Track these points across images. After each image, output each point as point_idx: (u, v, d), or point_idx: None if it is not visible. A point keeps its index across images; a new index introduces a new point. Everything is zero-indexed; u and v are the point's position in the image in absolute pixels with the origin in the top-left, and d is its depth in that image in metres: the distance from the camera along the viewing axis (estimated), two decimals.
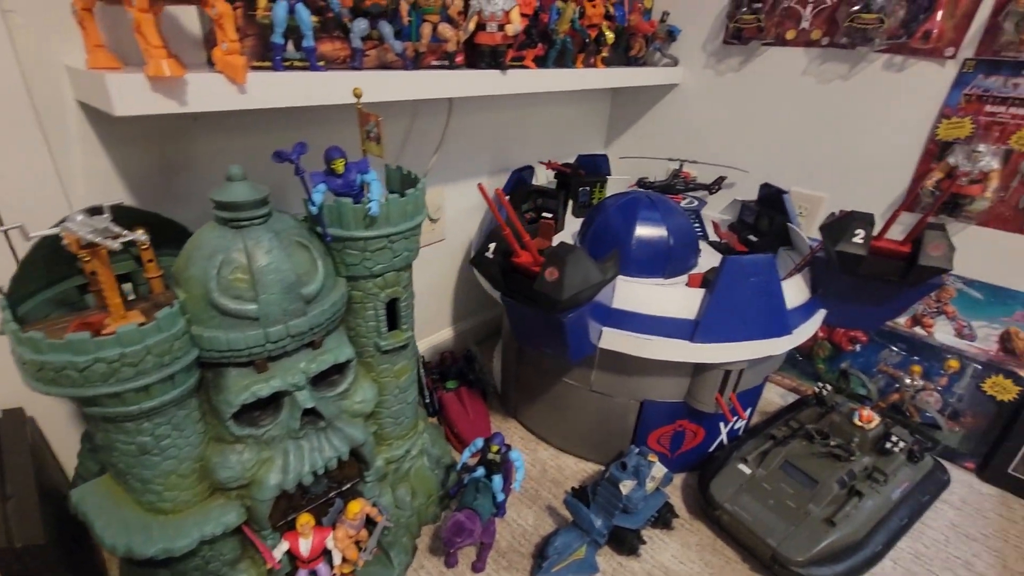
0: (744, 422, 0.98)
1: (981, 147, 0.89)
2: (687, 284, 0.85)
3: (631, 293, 0.79)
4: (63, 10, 0.55)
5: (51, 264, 0.55)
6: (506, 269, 0.69)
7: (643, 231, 0.95)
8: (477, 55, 0.82)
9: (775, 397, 1.18)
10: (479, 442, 0.77)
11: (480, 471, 0.76)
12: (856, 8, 0.95)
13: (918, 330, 1.05)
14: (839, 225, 0.76)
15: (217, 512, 0.60)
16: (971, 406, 0.98)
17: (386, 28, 0.67)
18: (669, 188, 1.25)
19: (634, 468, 0.81)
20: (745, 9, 1.08)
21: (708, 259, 1.06)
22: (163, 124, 0.67)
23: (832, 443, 0.84)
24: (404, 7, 0.70)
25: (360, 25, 0.65)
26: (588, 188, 1.28)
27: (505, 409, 1.10)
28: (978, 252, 0.96)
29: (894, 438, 0.83)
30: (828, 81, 1.06)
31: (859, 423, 0.86)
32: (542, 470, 0.96)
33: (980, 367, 0.96)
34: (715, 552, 0.81)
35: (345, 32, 0.66)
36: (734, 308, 0.75)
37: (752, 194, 1.15)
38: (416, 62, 0.74)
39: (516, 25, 0.79)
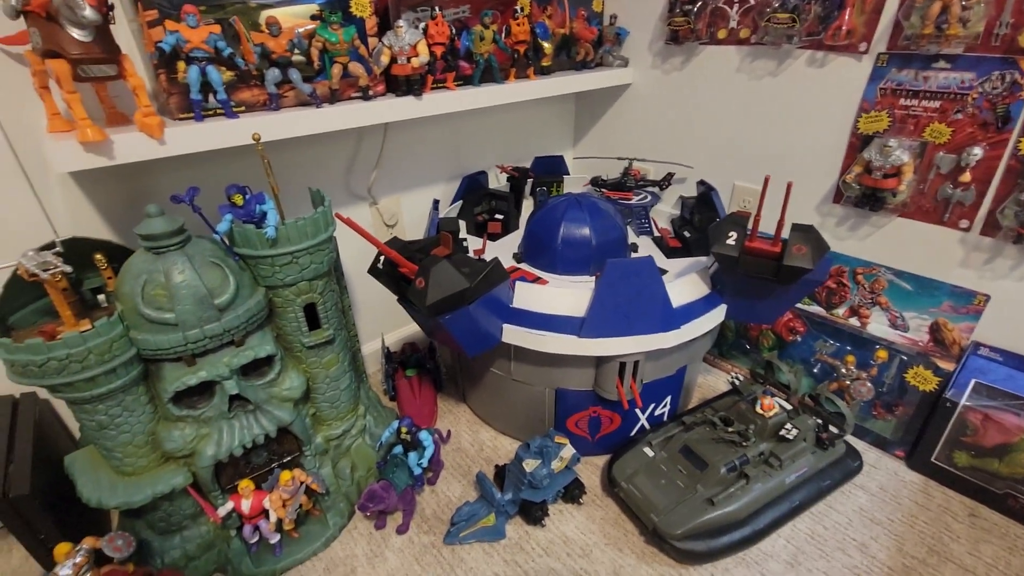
0: (668, 408, 1.04)
1: (891, 141, 0.90)
2: None
3: (527, 293, 0.87)
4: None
5: (35, 284, 0.71)
6: (396, 278, 0.80)
7: (568, 232, 1.03)
8: (396, 84, 0.92)
9: (722, 384, 1.22)
10: (395, 424, 0.89)
11: (399, 448, 0.89)
12: (772, 8, 0.96)
13: (853, 321, 1.06)
14: (718, 228, 0.81)
15: (168, 476, 0.76)
16: (900, 396, 0.99)
17: (294, 74, 0.79)
18: (620, 185, 1.30)
19: (538, 449, 0.91)
20: (677, 11, 1.11)
21: (646, 253, 1.12)
22: (126, 168, 0.82)
23: (730, 430, 0.89)
24: (315, 53, 0.82)
25: (271, 74, 0.78)
26: (545, 188, 1.35)
27: (458, 395, 1.22)
28: (904, 244, 0.97)
29: (788, 426, 0.88)
30: (760, 78, 1.07)
31: (760, 411, 0.90)
32: (479, 449, 1.07)
33: (906, 358, 0.97)
34: (616, 526, 0.90)
35: (263, 81, 0.79)
36: (616, 306, 0.82)
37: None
38: (333, 98, 0.86)
39: (423, 57, 0.89)
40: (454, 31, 0.97)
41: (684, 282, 0.90)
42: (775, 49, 1.03)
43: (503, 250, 1.15)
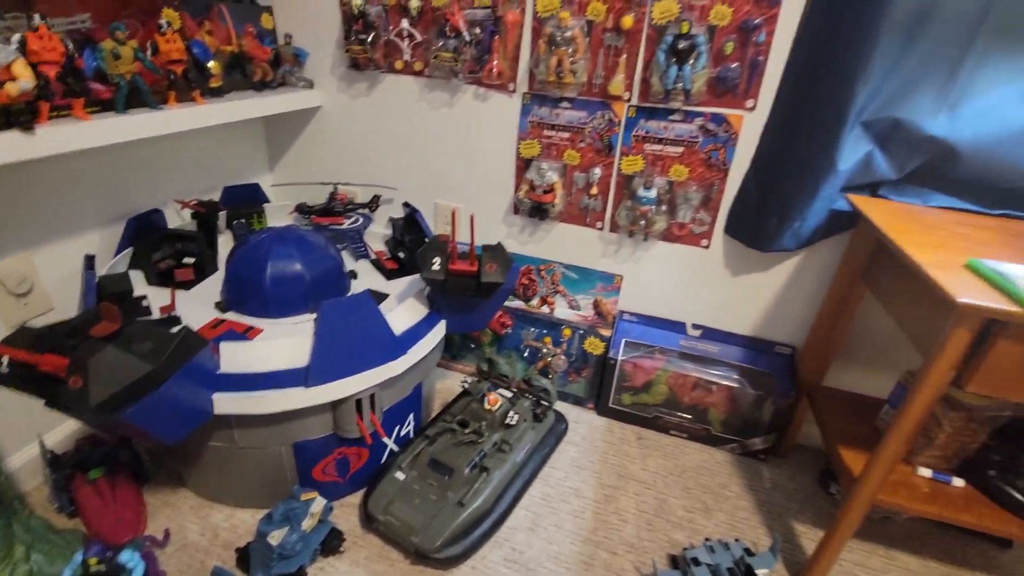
0: (412, 425, 1.08)
1: (544, 164, 1.12)
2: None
3: (238, 352, 0.78)
4: None
5: None
6: (36, 379, 0.61)
7: (276, 271, 0.95)
8: None
9: (457, 386, 1.33)
10: (77, 557, 0.70)
11: None
12: (437, 47, 1.07)
13: (544, 309, 1.29)
14: (424, 255, 0.88)
15: None
16: (583, 361, 1.25)
17: None
18: (329, 211, 1.26)
19: (283, 515, 0.84)
20: (353, 39, 1.13)
21: (366, 278, 1.13)
22: None
23: (467, 431, 0.99)
24: None
25: None
26: (244, 221, 1.22)
27: (173, 480, 1.02)
28: (566, 243, 1.22)
29: (511, 413, 1.02)
30: (439, 107, 1.18)
31: (488, 407, 1.03)
32: (213, 536, 0.92)
33: (582, 331, 1.23)
34: (381, 559, 0.90)
35: None
36: (340, 347, 0.81)
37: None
38: None
39: (25, 81, 0.69)
40: (71, 47, 0.77)
41: (404, 307, 0.94)
42: (446, 82, 1.15)
43: (202, 298, 1.00)
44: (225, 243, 1.21)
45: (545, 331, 1.27)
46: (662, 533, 0.98)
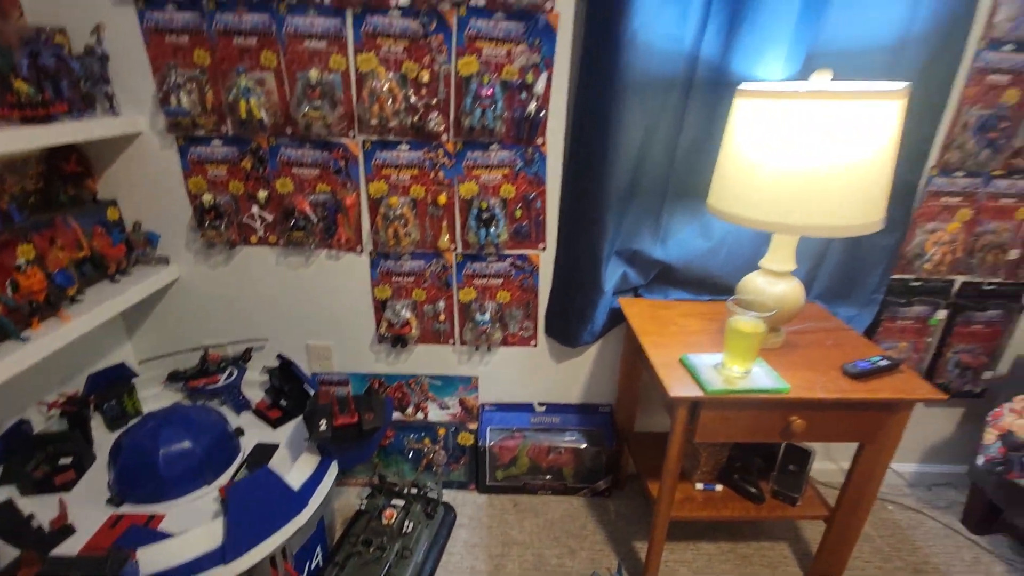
0: (321, 554, 1.22)
1: (398, 305, 1.36)
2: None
3: (153, 554, 0.89)
4: None
5: None
6: None
7: (169, 454, 1.05)
8: None
9: (352, 499, 1.49)
10: None
11: None
12: (288, 226, 1.27)
13: (420, 415, 1.52)
14: (311, 418, 1.06)
15: None
16: (460, 452, 1.50)
17: None
18: (203, 372, 1.36)
19: None
20: (207, 226, 1.28)
21: (253, 432, 1.25)
22: None
23: (371, 549, 1.17)
24: None
25: None
26: (115, 402, 1.27)
27: None
28: (428, 359, 1.47)
29: (407, 523, 1.23)
30: (296, 268, 1.37)
31: (385, 522, 1.22)
32: None
33: (454, 428, 1.48)
34: None
35: None
36: (251, 519, 0.96)
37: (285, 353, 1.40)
38: None
39: None
40: None
41: (299, 461, 1.10)
42: (304, 248, 1.34)
43: (89, 495, 1.06)
44: (98, 426, 1.24)
45: (423, 433, 1.50)
46: None
